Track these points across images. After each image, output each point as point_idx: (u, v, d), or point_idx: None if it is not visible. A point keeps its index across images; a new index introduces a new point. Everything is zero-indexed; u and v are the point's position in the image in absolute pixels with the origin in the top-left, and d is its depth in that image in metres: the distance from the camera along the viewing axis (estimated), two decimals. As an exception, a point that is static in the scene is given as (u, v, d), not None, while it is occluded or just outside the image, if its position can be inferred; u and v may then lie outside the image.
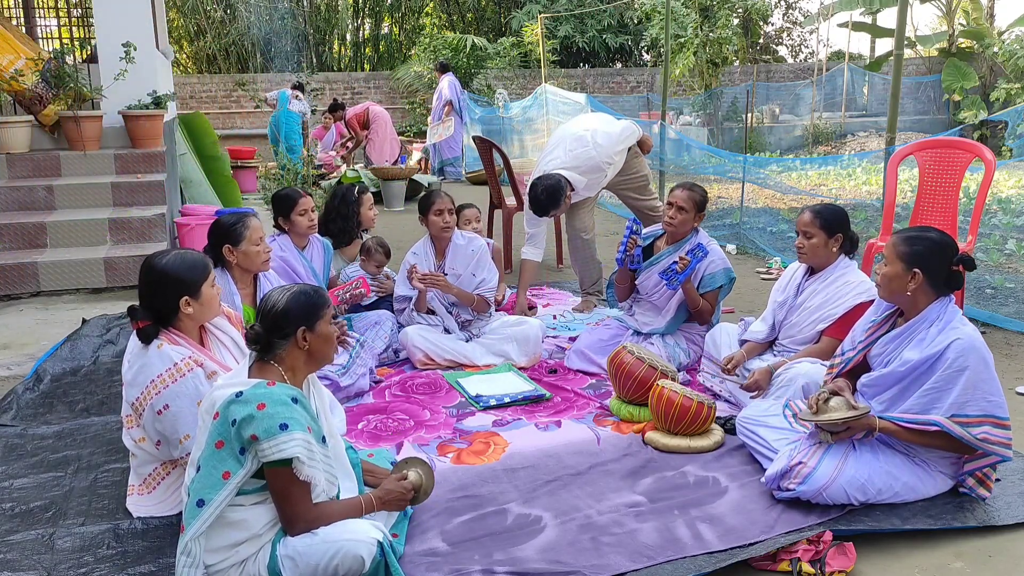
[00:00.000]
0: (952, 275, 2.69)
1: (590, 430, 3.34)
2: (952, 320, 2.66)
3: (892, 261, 2.73)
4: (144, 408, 2.55)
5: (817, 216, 3.37)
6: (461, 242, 4.28)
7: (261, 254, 3.46)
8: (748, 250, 6.97)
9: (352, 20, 20.27)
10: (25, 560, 2.40)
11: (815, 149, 15.73)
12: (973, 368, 2.57)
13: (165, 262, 2.59)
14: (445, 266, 4.25)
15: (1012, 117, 8.81)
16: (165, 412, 2.53)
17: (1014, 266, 6.13)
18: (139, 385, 2.55)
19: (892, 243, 2.76)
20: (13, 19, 9.42)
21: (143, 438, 2.65)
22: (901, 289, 2.71)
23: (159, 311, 2.58)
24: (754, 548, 2.43)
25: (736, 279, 4.05)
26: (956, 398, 2.58)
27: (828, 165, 11.30)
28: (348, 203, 4.54)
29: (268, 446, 2.04)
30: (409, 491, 2.39)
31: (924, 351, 2.64)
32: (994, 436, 2.58)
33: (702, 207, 4.00)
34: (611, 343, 4.03)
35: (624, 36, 19.62)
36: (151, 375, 2.53)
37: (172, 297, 2.56)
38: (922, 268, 2.66)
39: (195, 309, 2.60)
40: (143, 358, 2.56)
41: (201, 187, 7.34)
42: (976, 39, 17.38)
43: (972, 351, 2.58)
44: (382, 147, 11.44)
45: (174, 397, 2.52)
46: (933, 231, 2.77)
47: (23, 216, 5.62)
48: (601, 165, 4.89)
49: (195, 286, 2.59)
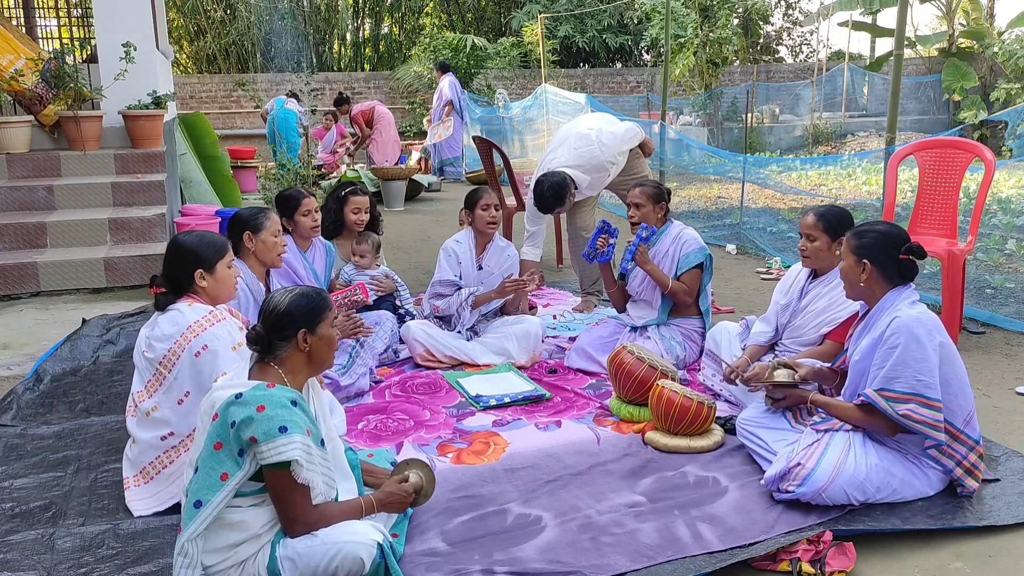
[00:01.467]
0: (903, 264, 2.74)
1: (590, 430, 3.34)
2: (900, 305, 2.71)
3: (846, 255, 2.84)
4: (181, 353, 2.64)
5: (821, 219, 3.35)
6: (501, 244, 4.42)
7: (278, 246, 3.59)
8: (748, 250, 6.97)
9: (352, 20, 20.27)
10: (25, 560, 2.40)
11: (815, 149, 15.73)
12: (904, 345, 2.61)
13: (186, 237, 2.81)
14: (483, 261, 4.35)
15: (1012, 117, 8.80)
16: (203, 353, 2.64)
17: (1014, 266, 6.13)
18: (170, 338, 2.66)
19: (845, 238, 2.87)
20: (13, 19, 9.42)
21: (155, 407, 2.69)
22: (856, 281, 2.80)
23: (176, 281, 2.75)
24: (754, 548, 2.43)
25: (713, 257, 4.09)
26: (886, 373, 2.64)
27: (828, 165, 11.30)
28: (335, 199, 4.53)
29: (267, 448, 2.04)
30: (410, 494, 2.39)
31: (872, 336, 2.72)
32: (919, 415, 2.60)
33: (658, 198, 4.06)
34: (611, 340, 4.06)
35: (624, 36, 19.63)
36: (188, 322, 2.67)
37: (188, 268, 2.74)
38: (870, 259, 2.75)
39: (209, 283, 2.76)
40: (173, 316, 2.70)
41: (201, 187, 7.35)
42: (976, 39, 17.39)
43: (904, 329, 2.62)
44: (385, 148, 11.45)
45: (212, 338, 2.65)
46: (882, 223, 2.88)
47: (23, 216, 5.62)
48: (605, 164, 4.90)
49: (210, 261, 2.77)
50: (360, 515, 2.23)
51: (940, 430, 2.63)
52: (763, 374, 3.06)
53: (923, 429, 2.62)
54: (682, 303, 4.04)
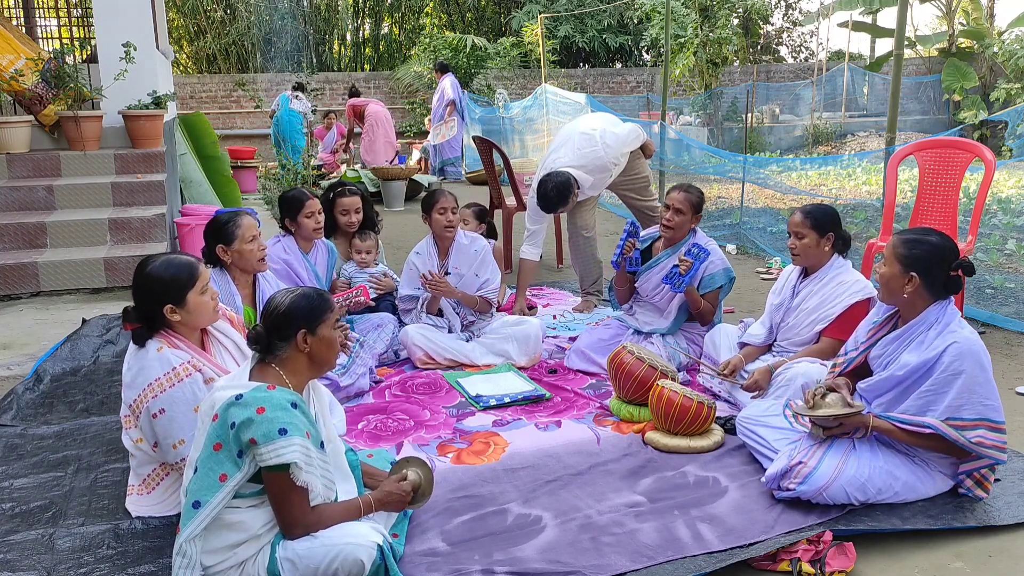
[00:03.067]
0: (951, 280, 2.68)
1: (590, 430, 3.34)
2: (950, 323, 2.65)
3: (890, 262, 2.73)
4: (141, 410, 2.55)
5: (807, 216, 3.40)
6: (464, 241, 4.29)
7: (256, 252, 3.42)
8: (748, 250, 6.97)
9: (352, 20, 20.27)
10: (25, 560, 2.40)
11: (815, 149, 15.74)
12: (969, 372, 2.57)
13: (149, 268, 2.56)
14: (448, 265, 4.24)
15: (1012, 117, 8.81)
16: (160, 416, 2.52)
17: (1014, 266, 6.13)
18: (137, 387, 2.55)
19: (892, 244, 2.75)
20: (13, 19, 9.42)
21: (140, 439, 2.65)
22: (898, 291, 2.71)
23: (148, 315, 2.57)
24: (754, 548, 2.43)
25: (736, 279, 4.05)
26: (951, 401, 2.58)
27: (828, 165, 11.30)
28: (324, 200, 4.47)
29: (266, 450, 2.04)
30: (408, 493, 2.39)
31: (922, 355, 2.64)
32: (989, 440, 2.58)
33: (699, 208, 4.00)
34: (611, 343, 4.04)
35: (624, 36, 19.63)
36: (149, 378, 2.52)
37: (155, 304, 2.54)
38: (919, 272, 2.66)
39: (182, 316, 2.56)
40: (142, 360, 2.55)
41: (201, 187, 7.34)
42: (976, 39, 17.40)
43: (969, 355, 2.57)
44: (374, 147, 11.44)
45: (171, 402, 2.51)
46: (934, 234, 2.74)
47: (23, 216, 5.62)
48: (608, 165, 4.90)
49: (178, 294, 2.54)
50: (359, 515, 2.23)
51: (1004, 451, 2.62)
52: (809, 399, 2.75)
53: (992, 453, 2.60)
54: (704, 322, 4.02)
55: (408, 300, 4.25)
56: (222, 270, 3.42)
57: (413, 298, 4.24)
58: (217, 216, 3.48)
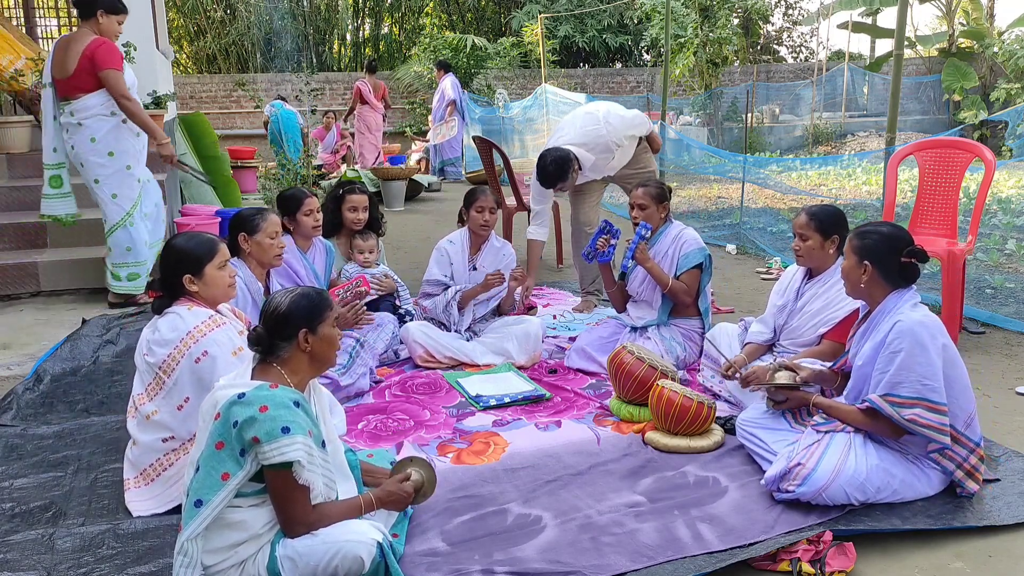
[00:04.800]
0: (905, 267, 2.74)
1: (590, 430, 3.34)
2: (903, 308, 2.70)
3: (848, 255, 2.84)
4: (180, 359, 2.63)
5: (813, 218, 3.39)
6: (496, 244, 4.42)
7: (275, 247, 3.58)
8: (748, 250, 6.97)
9: (352, 20, 20.28)
10: (25, 560, 2.40)
11: (815, 149, 15.74)
12: (908, 350, 2.61)
13: (175, 240, 2.78)
14: (477, 261, 4.34)
15: (1012, 117, 8.81)
16: (204, 359, 2.63)
17: (1014, 266, 6.13)
18: (170, 343, 2.65)
19: (848, 238, 2.86)
20: (13, 19, 9.42)
21: (155, 411, 2.68)
22: (857, 282, 2.80)
23: (170, 285, 2.73)
24: (754, 548, 2.43)
25: (711, 256, 4.08)
26: (891, 378, 2.63)
27: (828, 165, 11.31)
28: (333, 197, 4.52)
29: (269, 449, 2.05)
30: (410, 493, 2.39)
31: (874, 340, 2.71)
32: (925, 419, 2.60)
33: (661, 199, 4.07)
34: (611, 340, 4.05)
35: (624, 36, 19.63)
36: (188, 326, 2.65)
37: (176, 272, 2.71)
38: (872, 260, 2.74)
39: (199, 287, 2.72)
40: (173, 320, 2.68)
41: (201, 187, 7.34)
42: (976, 39, 17.39)
43: (908, 334, 2.62)
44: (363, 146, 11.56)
45: (213, 343, 2.64)
46: (885, 225, 2.86)
47: (23, 216, 5.62)
48: (610, 145, 4.89)
49: (197, 264, 2.71)
50: (359, 513, 2.24)
51: (945, 433, 2.63)
52: (764, 375, 3.05)
53: (929, 433, 2.61)
54: (681, 303, 4.04)
55: (435, 285, 4.31)
56: (241, 261, 3.53)
57: (440, 284, 4.30)
58: (243, 211, 3.64)
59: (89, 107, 4.55)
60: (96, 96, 4.55)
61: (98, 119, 4.59)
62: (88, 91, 4.53)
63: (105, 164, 4.65)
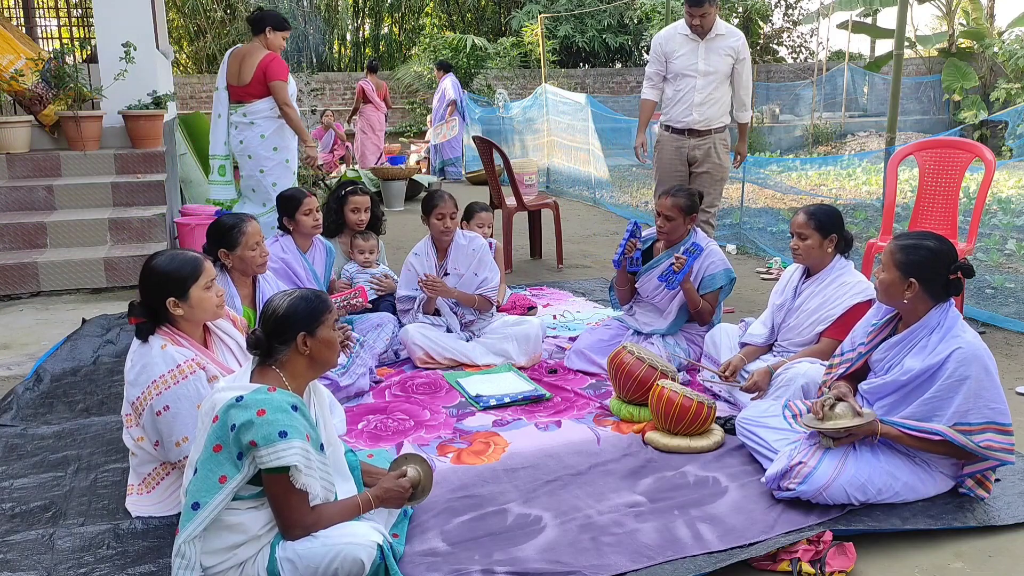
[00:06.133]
0: (950, 283, 2.66)
1: (590, 430, 3.34)
2: (953, 327, 2.64)
3: (889, 268, 2.71)
4: (144, 408, 2.55)
5: (811, 217, 3.39)
6: (463, 241, 4.28)
7: (257, 258, 3.43)
8: (748, 250, 6.97)
9: (352, 20, 20.27)
10: (25, 560, 2.40)
11: (815, 149, 15.74)
12: (975, 377, 2.56)
13: (155, 261, 2.61)
14: (447, 265, 4.24)
15: (1012, 117, 8.81)
16: (164, 413, 2.52)
17: (1014, 266, 6.13)
18: (140, 384, 2.55)
19: (889, 250, 2.73)
20: (13, 19, 9.43)
21: (142, 437, 2.65)
22: (898, 296, 2.70)
23: (152, 309, 2.59)
24: (754, 548, 2.43)
25: (736, 279, 4.05)
26: (958, 407, 2.56)
27: (828, 165, 11.31)
28: (335, 198, 4.51)
29: (266, 453, 2.04)
30: (407, 489, 2.38)
31: (925, 360, 2.63)
32: (997, 443, 2.58)
33: (690, 211, 3.94)
34: (611, 343, 4.03)
35: (624, 36, 19.62)
36: (153, 375, 2.52)
37: (159, 296, 2.56)
38: (918, 278, 2.64)
39: (184, 311, 2.59)
40: (146, 357, 2.55)
41: (201, 187, 7.34)
42: (976, 39, 17.39)
43: (974, 360, 2.56)
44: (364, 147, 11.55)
45: (175, 399, 2.52)
46: (931, 238, 2.72)
47: (23, 216, 5.62)
48: (735, 48, 5.15)
49: (181, 287, 2.57)
50: (358, 513, 2.23)
51: (1012, 452, 2.61)
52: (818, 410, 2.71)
53: (1000, 456, 2.59)
54: (702, 322, 4.01)
55: (406, 300, 4.25)
56: (222, 271, 3.42)
57: (411, 298, 4.23)
58: (221, 220, 3.47)
59: (259, 110, 5.42)
60: (265, 101, 5.40)
61: (267, 120, 5.44)
62: (259, 97, 5.39)
63: (270, 157, 5.49)
